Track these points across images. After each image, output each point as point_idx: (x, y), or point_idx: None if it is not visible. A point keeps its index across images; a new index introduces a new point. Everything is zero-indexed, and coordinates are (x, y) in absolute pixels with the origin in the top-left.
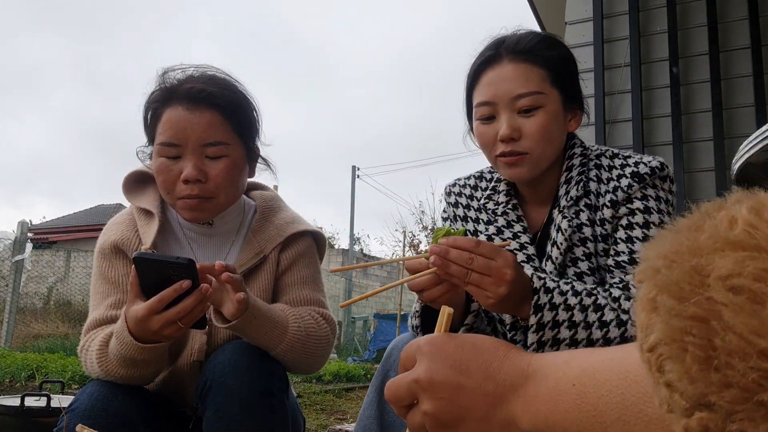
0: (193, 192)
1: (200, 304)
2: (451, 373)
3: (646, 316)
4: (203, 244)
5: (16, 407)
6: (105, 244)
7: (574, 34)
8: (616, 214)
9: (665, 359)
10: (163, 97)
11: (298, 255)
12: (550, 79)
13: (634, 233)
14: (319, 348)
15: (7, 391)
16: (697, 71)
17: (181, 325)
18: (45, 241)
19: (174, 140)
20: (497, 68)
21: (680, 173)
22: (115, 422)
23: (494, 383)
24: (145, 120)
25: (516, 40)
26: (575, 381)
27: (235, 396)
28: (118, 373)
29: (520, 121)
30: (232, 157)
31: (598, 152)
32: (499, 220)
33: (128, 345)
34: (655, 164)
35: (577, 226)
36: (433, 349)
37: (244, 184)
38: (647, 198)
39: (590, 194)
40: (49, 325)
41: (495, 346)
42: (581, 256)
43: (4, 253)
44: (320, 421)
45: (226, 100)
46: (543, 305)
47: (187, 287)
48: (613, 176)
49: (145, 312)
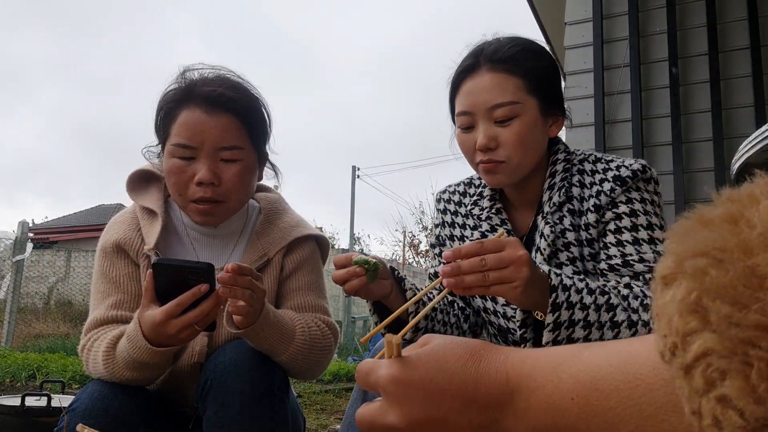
0: (206, 195)
1: (216, 308)
2: (428, 411)
3: (683, 319)
4: (206, 245)
5: (17, 407)
6: (107, 243)
7: (573, 34)
8: (600, 218)
9: (718, 371)
10: (181, 97)
11: (302, 260)
12: (527, 87)
13: (624, 237)
14: (322, 356)
15: (7, 391)
16: (697, 71)
17: (198, 328)
18: (45, 241)
19: (190, 142)
20: (476, 78)
21: (679, 173)
22: (116, 422)
23: (476, 408)
24: (157, 118)
25: (494, 49)
26: (573, 394)
27: (235, 396)
28: (123, 376)
29: (497, 131)
30: (246, 161)
31: (582, 157)
32: (484, 225)
33: (141, 349)
34: (637, 167)
35: (561, 232)
36: (399, 390)
37: (254, 188)
38: (632, 201)
39: (573, 199)
40: (49, 325)
41: (462, 364)
42: (565, 261)
43: (5, 253)
44: (320, 421)
45: (244, 106)
46: (561, 303)
47: (206, 291)
48: (596, 180)
49: (162, 316)
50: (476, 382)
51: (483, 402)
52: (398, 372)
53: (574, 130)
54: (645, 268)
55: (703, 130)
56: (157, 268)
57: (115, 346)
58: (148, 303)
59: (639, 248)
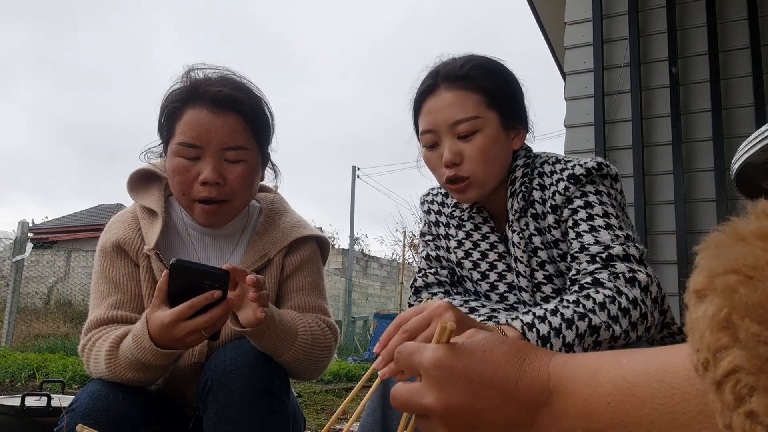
0: (210, 195)
1: (225, 316)
2: (467, 399)
3: (714, 335)
4: (207, 245)
5: (17, 407)
6: (107, 242)
7: (573, 34)
8: (560, 218)
9: (747, 388)
10: (187, 97)
11: (303, 261)
12: (486, 102)
13: (581, 228)
14: (323, 356)
15: (7, 391)
16: (697, 71)
17: (205, 334)
18: (45, 241)
19: (196, 141)
20: (436, 96)
21: (680, 173)
22: (116, 422)
23: (515, 404)
24: (161, 116)
25: (450, 68)
26: (609, 399)
27: (236, 396)
28: (125, 376)
29: (461, 146)
30: (250, 162)
31: (543, 160)
32: (467, 224)
33: (147, 350)
34: (592, 164)
35: (528, 237)
36: (442, 374)
37: (257, 189)
38: (586, 194)
39: (535, 203)
40: (49, 325)
41: (507, 360)
42: (535, 267)
43: (5, 253)
44: (320, 421)
45: (250, 107)
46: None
47: (218, 297)
48: (554, 181)
49: (172, 318)
50: (518, 379)
51: (522, 399)
52: (444, 357)
53: (574, 130)
54: (600, 248)
55: (703, 130)
56: (174, 270)
57: (118, 346)
58: (159, 303)
59: (596, 234)
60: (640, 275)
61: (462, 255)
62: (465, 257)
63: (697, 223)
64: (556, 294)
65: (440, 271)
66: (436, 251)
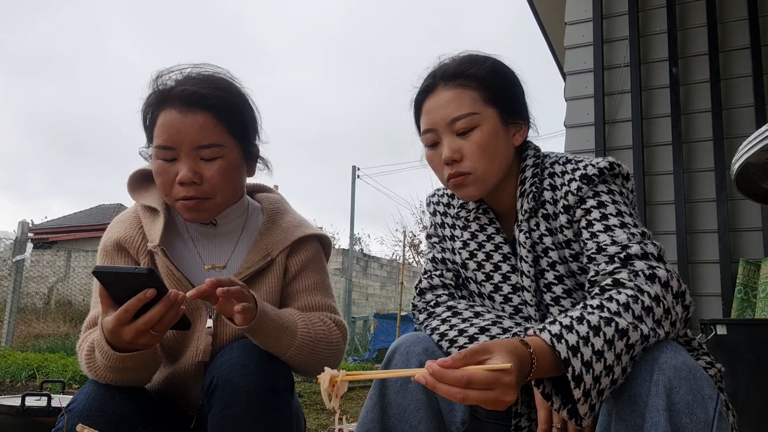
0: (188, 194)
1: (171, 311)
2: None
3: None
4: (207, 243)
5: (17, 407)
6: (108, 241)
7: (573, 34)
8: (572, 218)
9: None
10: (157, 101)
11: (306, 261)
12: (484, 98)
13: (595, 228)
14: (330, 353)
15: (7, 391)
16: (697, 71)
17: (154, 333)
18: (45, 241)
19: (169, 143)
20: (434, 96)
21: (680, 173)
22: (113, 422)
23: None
24: (143, 122)
25: (446, 67)
26: None
27: (241, 394)
28: (108, 378)
29: (460, 143)
30: (228, 158)
31: (553, 160)
32: (472, 225)
33: (108, 354)
34: (604, 164)
35: (538, 238)
36: None
37: (243, 184)
38: (599, 194)
39: (546, 204)
40: (49, 325)
41: None
42: (546, 267)
43: (5, 254)
44: (320, 421)
45: (220, 101)
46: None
47: (152, 296)
48: (565, 181)
49: (114, 323)
50: None
51: None
52: None
53: (574, 130)
54: (618, 248)
55: (703, 130)
56: (97, 275)
57: (93, 350)
58: (105, 309)
59: (611, 234)
60: (659, 272)
61: (467, 256)
62: (470, 258)
63: (697, 223)
64: (567, 294)
65: (445, 273)
66: (441, 253)
